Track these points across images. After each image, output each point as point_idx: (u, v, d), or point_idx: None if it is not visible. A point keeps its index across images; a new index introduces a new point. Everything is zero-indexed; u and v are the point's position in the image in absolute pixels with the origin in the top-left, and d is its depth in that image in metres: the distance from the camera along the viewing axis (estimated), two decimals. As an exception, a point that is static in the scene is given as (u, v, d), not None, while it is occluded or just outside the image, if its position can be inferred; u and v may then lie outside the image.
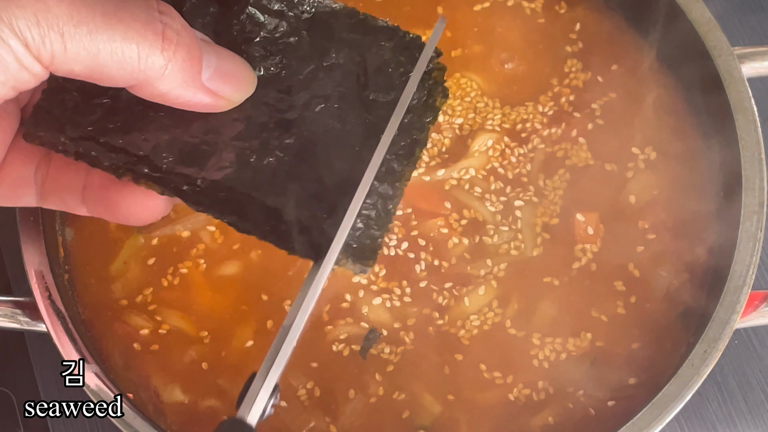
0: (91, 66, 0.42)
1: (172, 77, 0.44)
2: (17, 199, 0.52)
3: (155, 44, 0.42)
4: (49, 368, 0.86)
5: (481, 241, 0.78)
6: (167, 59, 0.43)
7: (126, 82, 0.43)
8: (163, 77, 0.43)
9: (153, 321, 0.76)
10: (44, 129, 0.47)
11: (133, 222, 0.51)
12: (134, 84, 0.44)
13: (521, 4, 0.87)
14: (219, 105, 0.47)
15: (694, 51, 0.79)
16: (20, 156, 0.51)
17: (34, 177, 0.51)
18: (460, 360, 0.75)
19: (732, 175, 0.76)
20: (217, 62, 0.46)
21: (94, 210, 0.52)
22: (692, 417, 0.85)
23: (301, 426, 0.73)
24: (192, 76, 0.44)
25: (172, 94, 0.45)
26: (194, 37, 0.45)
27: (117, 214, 0.51)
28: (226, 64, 0.47)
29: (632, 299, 0.76)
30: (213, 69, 0.45)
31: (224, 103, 0.47)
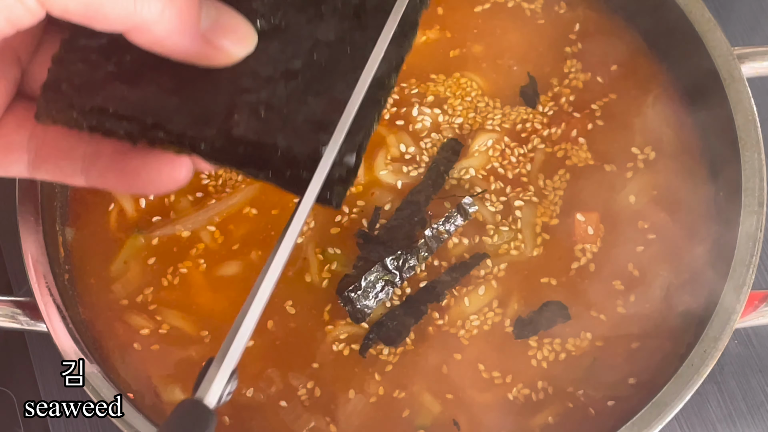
0: (86, 4, 0.41)
1: (168, 22, 0.43)
2: (7, 167, 0.51)
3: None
4: (49, 368, 0.86)
5: (481, 241, 0.78)
6: (164, 3, 0.43)
7: (122, 24, 0.43)
8: (160, 21, 0.43)
9: (153, 321, 0.77)
10: (54, 108, 0.47)
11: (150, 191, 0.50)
12: (130, 27, 0.43)
13: (521, 5, 0.87)
14: (218, 58, 0.46)
15: (694, 51, 0.79)
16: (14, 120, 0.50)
17: (27, 144, 0.50)
18: (459, 360, 0.75)
19: (732, 176, 0.76)
20: (217, 15, 0.46)
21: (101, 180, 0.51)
22: (692, 417, 0.85)
23: (302, 426, 0.73)
24: (190, 24, 0.44)
25: (169, 41, 0.44)
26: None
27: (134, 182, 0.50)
28: (227, 17, 0.46)
29: (632, 299, 0.76)
30: (212, 20, 0.45)
31: (223, 56, 0.46)
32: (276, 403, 0.74)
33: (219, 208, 0.79)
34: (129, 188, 0.50)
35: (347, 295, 0.75)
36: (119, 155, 0.50)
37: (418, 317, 0.75)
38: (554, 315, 0.75)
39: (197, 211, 0.79)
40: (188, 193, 0.80)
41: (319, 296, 0.77)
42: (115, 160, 0.50)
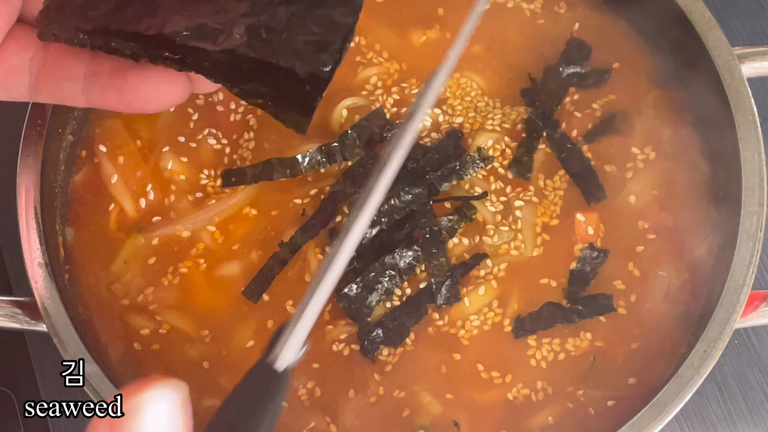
0: None
1: None
2: (9, 91, 0.51)
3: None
4: (49, 368, 0.86)
5: (481, 241, 0.78)
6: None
7: None
8: None
9: (153, 321, 0.77)
10: (57, 26, 0.48)
11: (149, 108, 0.51)
12: None
13: (521, 5, 0.87)
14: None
15: (694, 51, 0.79)
16: (15, 44, 0.50)
17: (29, 66, 0.51)
18: (459, 360, 0.75)
19: (732, 176, 0.76)
20: None
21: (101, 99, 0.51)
22: (692, 417, 0.85)
23: (302, 426, 0.73)
24: None
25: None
26: None
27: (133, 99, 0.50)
28: None
29: (632, 299, 0.76)
30: None
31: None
32: (276, 403, 0.74)
33: (219, 209, 0.79)
34: (128, 106, 0.51)
35: (345, 294, 0.75)
36: (118, 73, 0.50)
37: (418, 317, 0.75)
38: (554, 315, 0.75)
39: (197, 212, 0.79)
40: (188, 193, 0.80)
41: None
42: (114, 78, 0.50)
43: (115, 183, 0.80)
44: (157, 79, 0.50)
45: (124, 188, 0.80)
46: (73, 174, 0.81)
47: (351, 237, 0.46)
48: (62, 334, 0.71)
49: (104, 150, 0.81)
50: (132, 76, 0.50)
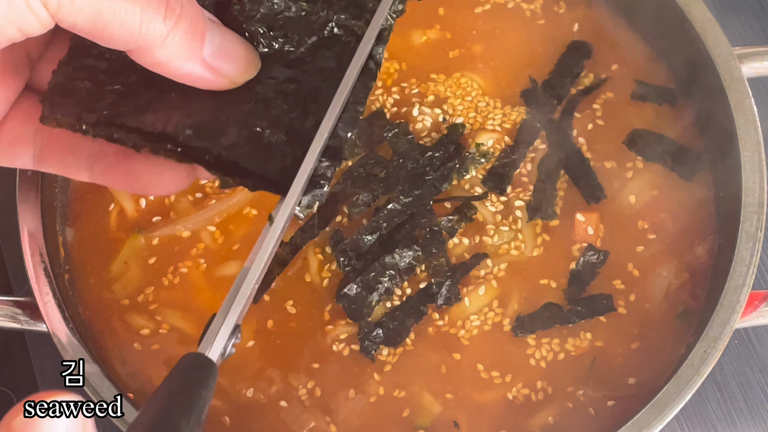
0: (94, 21, 0.43)
1: (172, 46, 0.44)
2: (13, 159, 0.52)
3: (158, 11, 0.43)
4: (49, 368, 0.86)
5: (482, 241, 0.78)
6: (168, 28, 0.44)
7: (125, 44, 0.44)
8: (163, 45, 0.44)
9: (153, 321, 0.77)
10: (60, 113, 0.48)
11: (151, 192, 0.52)
12: (134, 48, 0.44)
13: (521, 5, 0.87)
14: (219, 82, 0.47)
15: (694, 51, 0.79)
16: (21, 115, 0.51)
17: (33, 138, 0.52)
18: (459, 360, 0.75)
19: (732, 176, 0.76)
20: (221, 41, 0.47)
21: (104, 178, 0.52)
22: (692, 417, 0.85)
23: (302, 426, 0.73)
24: (193, 50, 0.45)
25: (172, 64, 0.45)
26: (199, 13, 0.46)
27: (135, 182, 0.51)
28: (230, 45, 0.47)
29: (632, 298, 0.76)
30: (216, 47, 0.46)
31: (224, 82, 0.48)
32: (276, 403, 0.74)
33: (219, 209, 0.79)
34: (131, 188, 0.52)
35: (345, 294, 0.75)
36: (123, 156, 0.51)
37: (418, 317, 0.75)
38: (554, 316, 0.75)
39: (197, 212, 0.79)
40: (188, 193, 0.80)
41: (319, 296, 0.77)
42: (119, 160, 0.51)
43: (115, 183, 0.80)
44: (161, 166, 0.51)
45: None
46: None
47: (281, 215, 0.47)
48: (62, 334, 0.71)
49: (104, 150, 0.81)
50: (136, 161, 0.51)
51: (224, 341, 0.45)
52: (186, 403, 0.41)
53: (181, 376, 0.43)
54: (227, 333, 0.45)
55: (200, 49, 0.46)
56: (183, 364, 0.44)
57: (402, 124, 0.80)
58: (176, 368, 0.43)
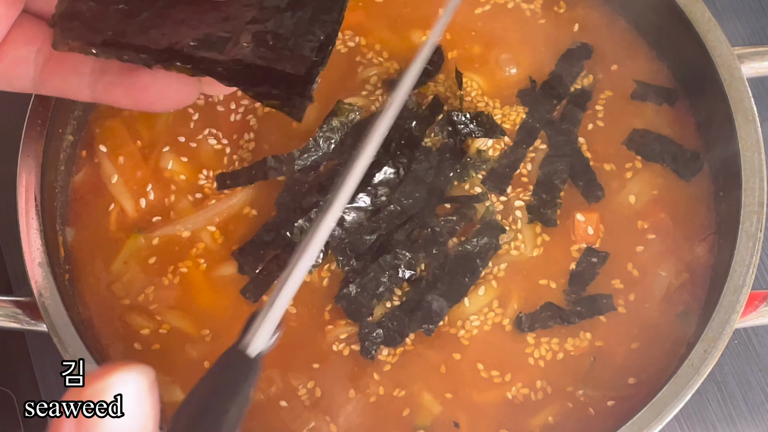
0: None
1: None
2: (14, 81, 0.51)
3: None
4: (49, 368, 0.86)
5: (481, 241, 0.78)
6: None
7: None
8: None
9: (153, 321, 0.77)
10: (71, 37, 0.48)
11: (157, 107, 0.51)
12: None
13: (520, 6, 0.87)
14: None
15: (694, 51, 0.79)
16: (22, 35, 0.50)
17: (35, 58, 0.50)
18: (458, 360, 0.75)
19: (732, 175, 0.76)
20: None
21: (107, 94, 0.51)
22: (692, 417, 0.85)
23: (302, 426, 0.73)
24: None
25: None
26: None
27: (142, 97, 0.50)
28: None
29: (632, 298, 0.76)
30: None
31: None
32: (276, 403, 0.74)
33: (219, 209, 0.79)
34: (136, 103, 0.51)
35: (345, 294, 0.75)
36: (129, 71, 0.50)
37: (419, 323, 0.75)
38: (553, 316, 0.75)
39: (197, 212, 0.79)
40: (188, 193, 0.80)
41: (319, 296, 0.77)
42: (124, 74, 0.50)
43: (115, 183, 0.80)
44: (169, 79, 0.50)
45: (124, 188, 0.80)
46: (73, 174, 0.81)
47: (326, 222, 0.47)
48: (62, 334, 0.71)
49: (104, 150, 0.81)
50: (142, 75, 0.50)
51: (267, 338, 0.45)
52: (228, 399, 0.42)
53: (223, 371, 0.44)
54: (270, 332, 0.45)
55: None
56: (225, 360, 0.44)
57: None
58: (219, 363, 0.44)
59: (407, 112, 0.80)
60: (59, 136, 0.79)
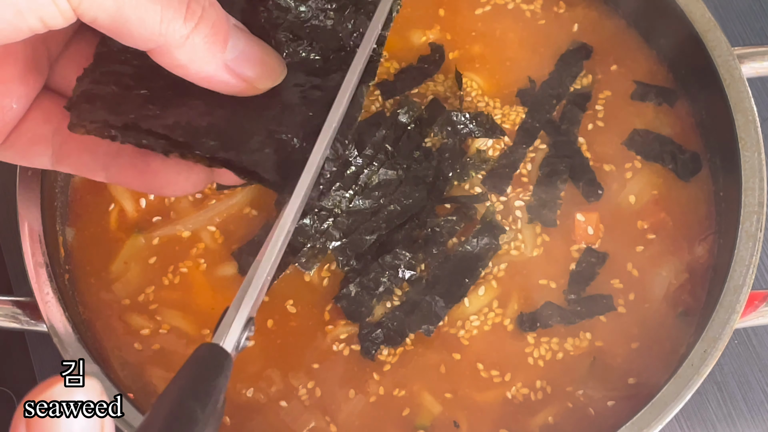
0: (114, 18, 0.42)
1: (192, 48, 0.44)
2: (32, 159, 0.52)
3: (179, 11, 0.43)
4: (49, 368, 0.86)
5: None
6: (189, 29, 0.43)
7: (145, 43, 0.44)
8: (184, 46, 0.44)
9: (153, 321, 0.77)
10: (88, 119, 0.48)
11: (167, 192, 0.52)
12: (154, 47, 0.44)
13: (520, 6, 0.87)
14: (241, 87, 0.47)
15: (694, 51, 0.79)
16: (41, 114, 0.51)
17: (52, 137, 0.52)
18: (458, 360, 0.75)
19: (732, 175, 0.76)
20: (245, 47, 0.46)
21: (121, 176, 0.52)
22: (692, 417, 0.85)
23: (302, 426, 0.73)
24: (214, 53, 0.45)
25: (193, 66, 0.45)
26: (223, 17, 0.45)
27: (153, 182, 0.51)
28: (255, 51, 0.47)
29: (632, 298, 0.76)
30: (239, 51, 0.46)
31: (247, 87, 0.47)
32: (276, 403, 0.74)
33: (219, 209, 0.79)
34: (147, 187, 0.52)
35: (345, 294, 0.75)
36: (140, 155, 0.51)
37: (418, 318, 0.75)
38: (554, 314, 0.75)
39: (197, 212, 0.79)
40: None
41: (319, 296, 0.77)
42: (136, 159, 0.51)
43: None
44: (178, 166, 0.51)
45: (124, 188, 0.80)
46: (73, 174, 0.81)
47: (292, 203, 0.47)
48: (62, 334, 0.71)
49: (104, 150, 0.81)
50: (153, 160, 0.51)
51: (238, 333, 0.46)
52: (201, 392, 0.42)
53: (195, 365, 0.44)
54: (241, 325, 0.46)
55: (222, 53, 0.45)
56: (198, 354, 0.45)
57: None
58: (191, 358, 0.44)
59: (407, 113, 0.80)
60: (59, 136, 0.79)
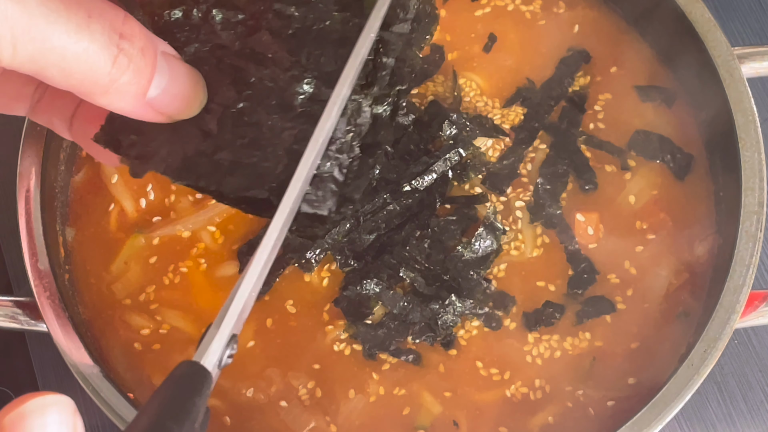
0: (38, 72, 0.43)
1: (114, 94, 0.45)
2: (10, 110, 0.55)
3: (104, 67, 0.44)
4: (49, 368, 0.86)
5: (481, 241, 0.78)
6: (112, 81, 0.44)
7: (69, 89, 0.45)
8: (105, 93, 0.45)
9: (153, 321, 0.77)
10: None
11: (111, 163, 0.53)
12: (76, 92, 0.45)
13: (520, 8, 0.87)
14: (158, 119, 0.48)
15: (694, 51, 0.79)
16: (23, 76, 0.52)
17: (32, 94, 0.54)
18: (458, 359, 0.75)
19: (732, 175, 0.76)
20: (168, 83, 0.47)
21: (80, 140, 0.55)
22: (692, 417, 0.85)
23: (302, 426, 0.73)
24: (135, 96, 0.46)
25: (113, 107, 0.46)
26: (150, 61, 0.46)
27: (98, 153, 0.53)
28: (176, 86, 0.48)
29: (631, 298, 0.76)
30: (160, 90, 0.47)
31: (164, 119, 0.49)
32: (276, 403, 0.74)
33: (219, 209, 0.79)
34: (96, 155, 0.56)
35: (344, 296, 0.75)
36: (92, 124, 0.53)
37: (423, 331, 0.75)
38: (555, 312, 0.75)
39: (197, 212, 0.79)
40: (188, 193, 0.80)
41: (319, 296, 0.77)
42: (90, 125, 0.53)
43: (115, 183, 0.80)
44: None
45: (124, 188, 0.80)
46: (73, 174, 0.81)
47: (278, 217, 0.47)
48: (62, 334, 0.71)
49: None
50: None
51: (219, 351, 0.45)
52: (178, 411, 0.42)
53: (174, 383, 0.43)
54: (222, 343, 0.45)
55: (143, 95, 0.46)
56: (177, 372, 0.44)
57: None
58: (170, 376, 0.44)
59: (407, 114, 0.80)
60: (59, 136, 0.79)
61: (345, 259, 0.76)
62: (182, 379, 0.44)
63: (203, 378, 0.44)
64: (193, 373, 0.44)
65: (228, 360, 0.46)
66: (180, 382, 0.44)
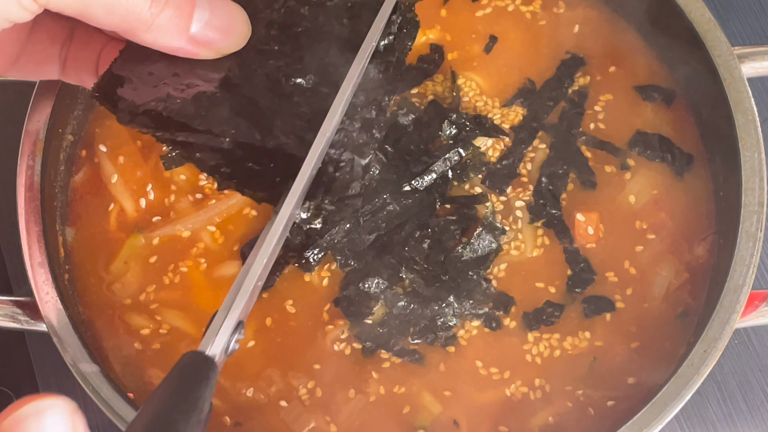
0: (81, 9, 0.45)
1: (157, 31, 0.46)
2: (42, 74, 0.56)
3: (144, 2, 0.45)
4: (49, 368, 0.86)
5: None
6: (153, 15, 0.46)
7: (112, 27, 0.46)
8: (149, 30, 0.46)
9: (153, 321, 0.77)
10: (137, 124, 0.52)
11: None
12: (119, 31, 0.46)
13: (520, 8, 0.87)
14: (204, 54, 0.49)
15: (694, 51, 0.79)
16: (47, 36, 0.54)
17: (58, 54, 0.55)
18: (458, 358, 0.75)
19: (732, 175, 0.76)
20: (210, 16, 0.48)
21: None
22: (692, 417, 0.85)
23: (302, 426, 0.73)
24: (179, 31, 0.47)
25: (158, 43, 0.47)
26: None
27: None
28: (219, 18, 0.49)
29: (631, 297, 0.76)
30: (204, 23, 0.48)
31: (212, 53, 0.49)
32: (276, 403, 0.74)
33: (219, 209, 0.79)
34: None
35: (344, 296, 0.75)
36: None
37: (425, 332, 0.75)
38: (555, 311, 0.76)
39: (197, 212, 0.80)
40: (188, 193, 0.80)
41: (319, 296, 0.77)
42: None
43: (115, 183, 0.80)
44: None
45: (124, 188, 0.80)
46: (73, 174, 0.81)
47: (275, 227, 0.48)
48: (62, 334, 0.71)
49: (104, 150, 0.81)
50: None
51: (226, 338, 0.45)
52: (184, 401, 0.42)
53: (179, 374, 0.43)
54: (229, 330, 0.45)
55: (186, 30, 0.47)
56: (182, 362, 0.44)
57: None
58: (176, 367, 0.44)
59: (407, 113, 0.80)
60: (59, 136, 0.79)
61: (345, 259, 0.76)
62: (187, 369, 0.44)
63: (208, 369, 0.44)
64: (198, 364, 0.44)
65: (235, 347, 0.46)
66: (185, 373, 0.44)
